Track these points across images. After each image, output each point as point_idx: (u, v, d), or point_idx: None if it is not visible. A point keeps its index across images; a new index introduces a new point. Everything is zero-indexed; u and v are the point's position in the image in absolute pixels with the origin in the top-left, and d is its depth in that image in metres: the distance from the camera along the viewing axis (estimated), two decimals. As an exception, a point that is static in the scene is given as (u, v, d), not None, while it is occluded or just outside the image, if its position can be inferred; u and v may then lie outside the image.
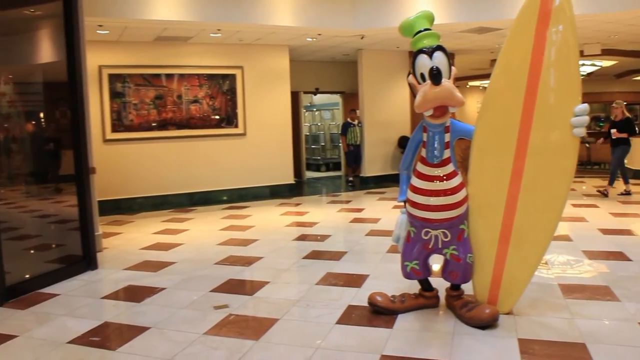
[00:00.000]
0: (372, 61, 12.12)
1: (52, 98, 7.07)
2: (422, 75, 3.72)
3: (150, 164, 9.85)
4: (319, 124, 17.38)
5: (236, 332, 3.87)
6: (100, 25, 8.36)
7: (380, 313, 4.08)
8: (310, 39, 10.39)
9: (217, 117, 10.43)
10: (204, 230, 7.63)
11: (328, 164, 16.36)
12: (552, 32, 3.57)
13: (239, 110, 10.56)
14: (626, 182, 9.58)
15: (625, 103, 9.96)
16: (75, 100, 5.64)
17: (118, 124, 9.62)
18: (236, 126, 10.54)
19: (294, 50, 11.41)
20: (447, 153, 3.84)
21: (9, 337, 3.96)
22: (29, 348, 3.79)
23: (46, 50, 6.87)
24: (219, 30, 9.22)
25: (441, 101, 3.63)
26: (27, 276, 5.18)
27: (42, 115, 7.13)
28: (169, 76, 10.03)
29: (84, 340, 3.85)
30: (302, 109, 14.00)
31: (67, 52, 5.64)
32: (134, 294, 4.86)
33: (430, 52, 3.72)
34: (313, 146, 17.15)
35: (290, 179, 11.31)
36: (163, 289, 4.94)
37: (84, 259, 5.62)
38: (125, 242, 7.08)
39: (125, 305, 4.58)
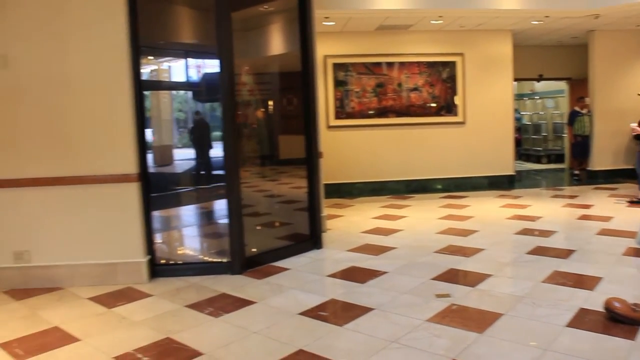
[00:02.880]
0: (605, 43, 11.02)
1: (283, 87, 7.63)
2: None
3: (369, 150, 10.14)
4: (541, 112, 16.33)
5: (459, 322, 3.80)
6: (326, 17, 8.78)
7: (618, 321, 3.69)
8: (535, 22, 9.77)
9: (436, 105, 10.35)
10: (422, 218, 7.65)
11: (549, 156, 15.33)
12: None
13: (459, 98, 10.36)
14: None
15: None
16: (307, 89, 5.97)
17: (341, 111, 10.05)
18: (455, 114, 10.36)
19: (517, 35, 10.83)
20: None
21: (249, 302, 4.39)
22: (265, 314, 4.14)
23: (279, 43, 7.41)
24: (440, 17, 9.12)
25: None
26: (262, 250, 5.66)
27: (271, 102, 7.73)
28: (390, 64, 10.19)
29: (313, 313, 4.09)
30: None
31: (301, 43, 5.98)
32: (357, 274, 5.05)
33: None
34: (534, 136, 16.19)
35: (509, 170, 10.82)
36: (385, 272, 5.06)
37: (311, 238, 5.97)
38: (347, 224, 7.38)
39: (350, 285, 4.77)
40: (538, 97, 16.60)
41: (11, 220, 5.05)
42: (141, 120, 5.03)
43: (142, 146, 5.05)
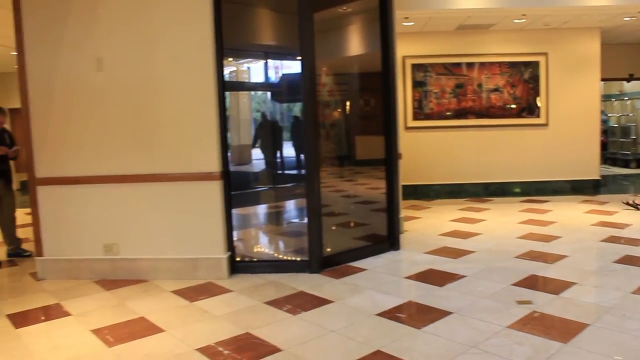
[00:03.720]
0: None
1: (361, 87, 7.63)
2: None
3: (447, 152, 9.98)
4: (630, 114, 15.53)
5: (541, 330, 3.69)
6: (406, 18, 8.71)
7: None
8: (627, 18, 9.31)
9: (518, 106, 10.07)
10: (501, 222, 7.46)
11: (639, 160, 14.57)
12: None
13: (541, 99, 10.03)
14: None
15: None
16: (387, 89, 5.96)
17: (419, 112, 9.95)
18: (538, 116, 10.03)
19: (606, 33, 10.34)
20: None
21: (327, 301, 4.43)
22: (343, 314, 4.17)
23: (357, 44, 7.42)
24: (523, 15, 8.85)
25: None
26: (339, 250, 5.70)
27: (349, 103, 7.74)
28: (470, 65, 9.99)
29: (390, 314, 4.09)
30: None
31: (382, 44, 5.98)
32: (435, 277, 4.99)
33: None
34: (621, 139, 15.43)
35: (594, 174, 10.36)
36: (463, 276, 4.98)
37: (388, 239, 5.96)
38: (424, 226, 7.32)
39: (427, 287, 4.73)
40: (627, 98, 15.81)
41: (102, 214, 5.33)
42: (223, 120, 5.18)
43: (224, 145, 5.20)
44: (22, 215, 6.79)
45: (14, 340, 3.99)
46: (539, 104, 10.04)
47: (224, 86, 5.19)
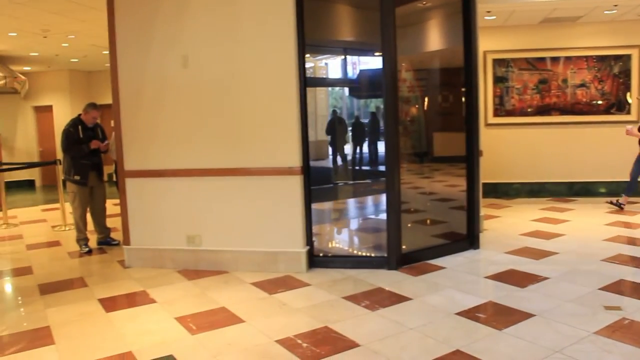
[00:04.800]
0: None
1: (439, 83, 7.52)
2: None
3: (529, 149, 9.65)
4: None
5: (632, 339, 3.51)
6: (488, 12, 8.48)
7: None
8: None
9: (606, 102, 9.61)
10: (587, 223, 7.16)
11: None
12: None
13: (633, 95, 9.53)
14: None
15: None
16: (469, 85, 5.84)
17: (499, 109, 9.68)
18: (628, 112, 9.53)
19: None
20: None
21: (405, 299, 4.41)
22: (422, 311, 4.14)
23: (437, 39, 7.31)
24: (615, 6, 8.42)
25: None
26: (418, 247, 5.64)
27: (427, 99, 7.64)
28: (555, 59, 9.62)
29: (470, 314, 4.02)
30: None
31: (464, 39, 5.87)
32: (517, 278, 4.86)
33: None
34: None
35: (690, 175, 9.74)
36: (546, 278, 4.82)
37: (468, 237, 5.85)
38: (504, 226, 7.13)
39: (509, 288, 4.60)
40: None
41: (186, 206, 5.52)
42: (304, 116, 5.24)
43: (305, 141, 5.25)
44: (109, 206, 7.13)
45: (106, 323, 4.21)
46: (629, 99, 9.55)
47: (305, 82, 5.23)
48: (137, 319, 4.28)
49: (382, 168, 5.33)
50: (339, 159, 8.06)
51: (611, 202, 8.32)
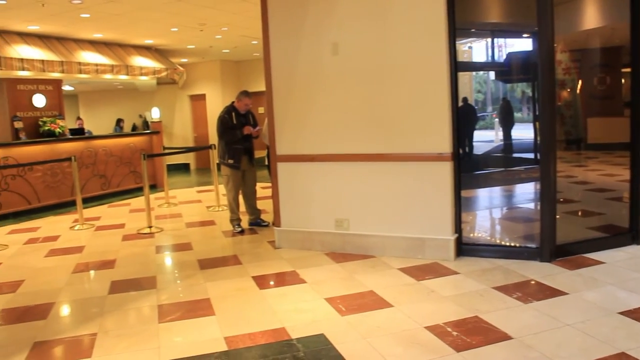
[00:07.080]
0: None
1: (594, 64, 7.03)
2: None
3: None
4: None
5: None
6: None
7: None
8: None
9: None
10: None
11: None
12: None
13: None
14: None
15: None
16: (636, 64, 5.36)
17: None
18: None
19: None
20: None
21: (560, 293, 4.20)
22: (578, 308, 3.91)
23: (592, 16, 6.81)
24: None
25: None
26: (573, 239, 5.32)
27: (580, 81, 7.15)
28: None
29: (636, 315, 3.73)
30: None
31: (632, 14, 5.37)
32: (691, 278, 4.44)
33: None
34: None
35: None
36: None
37: (630, 231, 5.41)
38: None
39: (680, 289, 4.22)
40: None
41: (335, 191, 5.65)
42: (455, 101, 5.13)
43: (455, 127, 5.14)
44: (259, 189, 7.49)
45: (260, 299, 4.46)
46: None
47: (457, 66, 5.11)
48: (289, 297, 4.47)
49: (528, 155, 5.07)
50: (487, 146, 7.80)
51: None
